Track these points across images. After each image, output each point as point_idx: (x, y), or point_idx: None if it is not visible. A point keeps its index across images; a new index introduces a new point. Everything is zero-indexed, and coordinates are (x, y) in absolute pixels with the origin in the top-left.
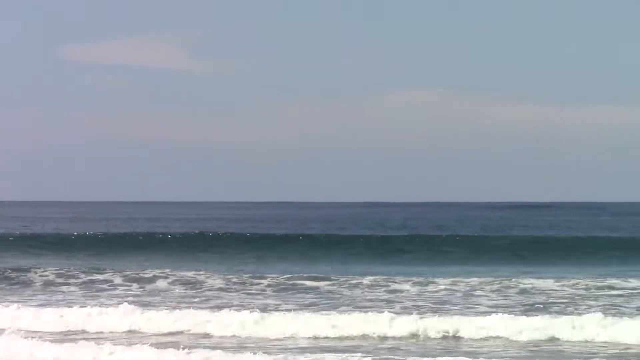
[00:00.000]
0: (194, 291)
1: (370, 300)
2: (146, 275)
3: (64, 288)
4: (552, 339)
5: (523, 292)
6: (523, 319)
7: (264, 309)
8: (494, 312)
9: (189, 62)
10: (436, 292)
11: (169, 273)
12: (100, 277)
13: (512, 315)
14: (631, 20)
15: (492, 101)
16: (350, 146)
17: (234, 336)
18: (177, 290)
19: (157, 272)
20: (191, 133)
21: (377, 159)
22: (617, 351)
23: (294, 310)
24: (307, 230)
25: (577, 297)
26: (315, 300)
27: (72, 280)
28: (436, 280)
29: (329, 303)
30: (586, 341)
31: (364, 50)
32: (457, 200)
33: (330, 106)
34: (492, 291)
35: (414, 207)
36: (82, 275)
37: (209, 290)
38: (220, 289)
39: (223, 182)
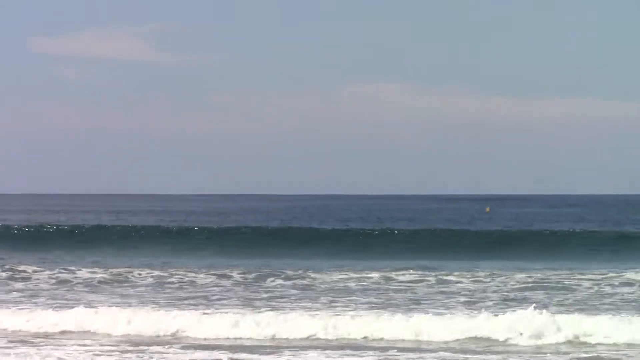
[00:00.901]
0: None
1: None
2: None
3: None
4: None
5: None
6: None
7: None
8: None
9: (156, 55)
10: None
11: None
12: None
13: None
14: (609, 19)
15: (462, 95)
16: (313, 139)
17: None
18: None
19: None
20: (159, 125)
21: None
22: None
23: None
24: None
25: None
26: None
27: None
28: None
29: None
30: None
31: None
32: (422, 193)
33: (296, 99)
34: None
35: (379, 199)
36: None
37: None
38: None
39: (194, 175)
